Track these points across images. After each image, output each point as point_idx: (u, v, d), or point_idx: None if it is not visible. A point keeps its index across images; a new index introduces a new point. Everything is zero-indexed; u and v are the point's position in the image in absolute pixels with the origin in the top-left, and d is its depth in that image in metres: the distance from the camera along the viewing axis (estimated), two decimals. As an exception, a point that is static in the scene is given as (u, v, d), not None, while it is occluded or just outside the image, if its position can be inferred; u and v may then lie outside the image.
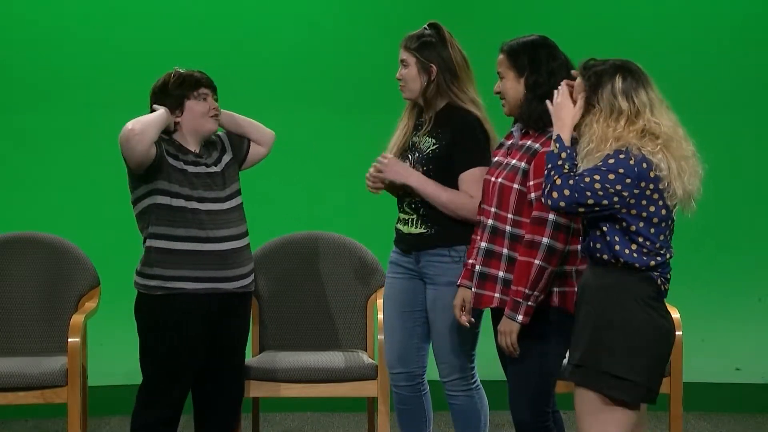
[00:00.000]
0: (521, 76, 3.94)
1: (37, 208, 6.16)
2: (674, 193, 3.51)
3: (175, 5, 6.36)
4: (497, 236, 3.94)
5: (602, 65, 3.60)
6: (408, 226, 4.38)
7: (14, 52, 6.26)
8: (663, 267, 3.56)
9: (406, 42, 4.37)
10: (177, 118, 4.51)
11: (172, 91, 4.49)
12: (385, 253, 5.08)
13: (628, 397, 3.52)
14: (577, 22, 6.32)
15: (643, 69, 3.60)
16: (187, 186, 4.44)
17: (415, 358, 4.43)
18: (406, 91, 4.38)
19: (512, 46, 3.98)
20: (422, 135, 4.35)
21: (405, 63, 4.36)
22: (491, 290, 3.94)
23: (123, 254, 5.71)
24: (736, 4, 6.47)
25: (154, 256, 4.43)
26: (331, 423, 6.02)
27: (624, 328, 3.52)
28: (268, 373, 4.72)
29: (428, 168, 4.30)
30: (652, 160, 3.49)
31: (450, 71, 4.31)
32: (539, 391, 3.93)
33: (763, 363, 6.35)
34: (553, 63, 3.94)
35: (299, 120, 6.31)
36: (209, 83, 4.55)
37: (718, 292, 6.39)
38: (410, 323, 4.42)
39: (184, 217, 4.42)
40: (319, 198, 6.06)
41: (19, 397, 4.67)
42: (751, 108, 6.46)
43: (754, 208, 6.45)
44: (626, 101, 3.54)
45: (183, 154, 4.49)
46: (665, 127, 3.53)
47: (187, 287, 4.40)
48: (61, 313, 5.00)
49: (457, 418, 4.43)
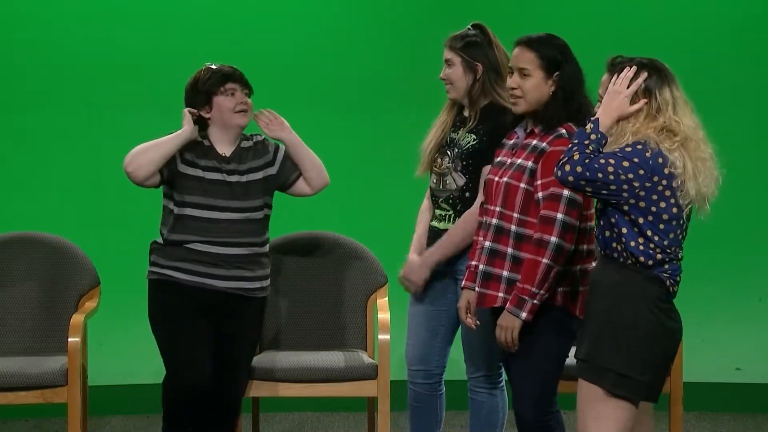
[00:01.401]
0: (550, 77, 3.92)
1: (38, 207, 6.16)
2: (687, 193, 3.52)
3: (176, 5, 6.35)
4: (502, 236, 3.93)
5: (628, 62, 3.62)
6: (445, 222, 4.40)
7: (14, 52, 6.26)
8: (672, 267, 3.58)
9: (451, 42, 4.38)
10: (207, 114, 4.53)
11: (201, 87, 4.51)
12: (386, 253, 5.09)
13: (629, 394, 3.54)
14: (576, 22, 6.32)
15: (669, 68, 3.63)
16: (200, 194, 4.46)
17: (436, 357, 4.47)
18: (452, 90, 4.39)
19: (543, 45, 3.93)
20: (464, 132, 4.37)
21: (450, 62, 4.37)
22: (495, 290, 3.94)
23: (123, 254, 5.72)
24: (736, 4, 6.47)
25: (154, 246, 4.54)
26: (331, 423, 6.02)
27: (631, 326, 3.54)
28: (268, 373, 4.72)
29: (467, 162, 4.33)
30: (669, 157, 3.51)
31: (495, 71, 4.33)
32: (542, 390, 3.93)
33: (764, 363, 6.35)
34: (575, 64, 3.94)
35: (299, 120, 6.29)
36: (238, 77, 4.55)
37: (718, 291, 6.39)
38: (435, 322, 4.45)
39: (187, 224, 4.48)
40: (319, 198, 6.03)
41: (19, 396, 4.66)
42: (751, 108, 6.46)
43: (754, 208, 6.45)
44: (648, 99, 3.56)
45: (206, 159, 4.51)
46: (685, 126, 3.55)
47: (175, 275, 4.48)
48: (61, 312, 5.00)
49: (475, 415, 4.44)
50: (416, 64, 4.37)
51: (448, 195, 4.39)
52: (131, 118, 6.20)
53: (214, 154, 4.53)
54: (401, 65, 6.34)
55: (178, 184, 4.50)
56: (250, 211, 4.54)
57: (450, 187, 4.38)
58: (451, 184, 4.38)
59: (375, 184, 6.35)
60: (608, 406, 3.56)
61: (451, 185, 4.38)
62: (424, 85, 4.45)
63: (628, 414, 3.57)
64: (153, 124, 6.32)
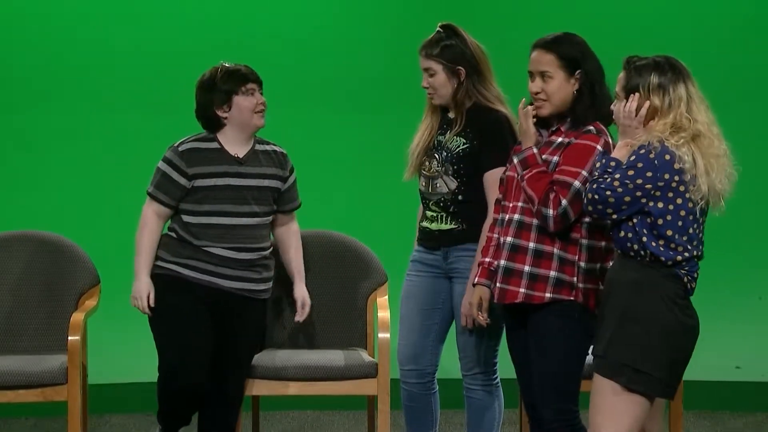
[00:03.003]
0: (572, 76, 3.91)
1: (38, 206, 6.16)
2: (699, 188, 3.54)
3: (175, 5, 6.36)
4: (524, 230, 3.92)
5: (644, 60, 3.64)
6: (437, 222, 4.39)
7: (14, 52, 6.26)
8: (690, 264, 3.60)
9: (426, 50, 4.33)
10: (225, 113, 4.51)
11: (220, 85, 4.50)
12: (386, 251, 5.09)
13: (645, 389, 3.56)
14: (576, 21, 6.32)
15: (684, 65, 3.65)
16: (212, 202, 4.49)
17: (428, 356, 4.47)
18: (437, 98, 4.36)
19: (561, 45, 3.92)
20: (451, 135, 4.35)
21: (431, 71, 4.33)
22: (516, 285, 3.92)
23: (123, 253, 5.71)
24: (736, 4, 6.48)
25: (164, 241, 4.56)
26: (331, 421, 6.02)
27: (648, 323, 3.56)
28: (268, 371, 4.72)
29: (458, 167, 4.32)
30: (676, 153, 3.51)
31: (476, 71, 4.31)
32: (564, 390, 3.91)
33: (764, 361, 6.35)
34: (596, 59, 3.94)
35: (299, 119, 6.32)
36: (256, 78, 4.56)
37: (718, 290, 6.38)
38: (428, 321, 4.45)
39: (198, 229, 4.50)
40: (320, 197, 6.06)
41: (19, 395, 4.66)
42: (751, 107, 6.47)
43: (754, 207, 6.45)
44: (660, 96, 3.57)
45: (216, 165, 4.49)
46: (697, 123, 3.57)
47: (181, 271, 4.49)
48: (62, 311, 5.00)
49: (471, 413, 4.44)
50: (416, 63, 4.37)
51: (439, 198, 4.38)
52: (131, 117, 6.22)
53: (225, 157, 4.52)
54: (401, 65, 6.31)
55: (189, 198, 4.50)
56: (259, 216, 4.55)
57: (440, 190, 4.37)
58: (441, 187, 4.37)
59: (375, 183, 6.36)
60: (623, 401, 3.57)
61: (441, 188, 4.37)
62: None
63: (642, 409, 3.59)
64: (152, 124, 6.37)
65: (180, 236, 4.52)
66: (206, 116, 4.53)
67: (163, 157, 4.53)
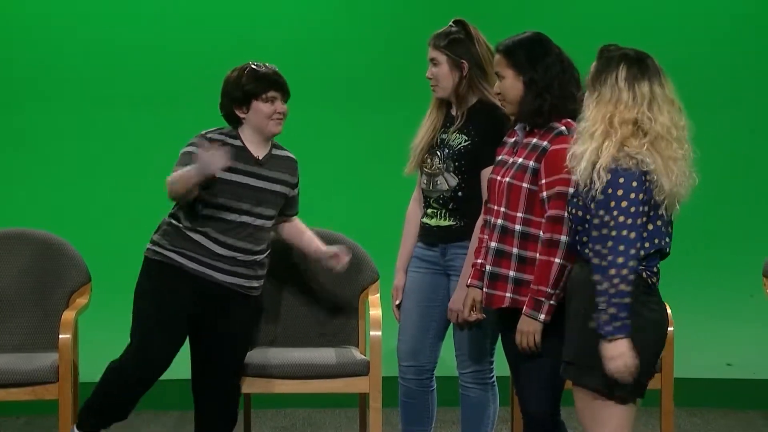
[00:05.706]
0: (520, 74, 3.95)
1: (29, 204, 6.16)
2: (661, 188, 3.51)
3: (176, 5, 6.36)
4: (507, 236, 3.93)
5: (615, 52, 3.60)
6: (436, 218, 4.40)
7: (14, 52, 6.25)
8: (648, 260, 3.55)
9: (435, 40, 4.37)
10: (243, 114, 4.51)
11: (244, 85, 4.49)
12: (379, 250, 5.09)
13: (618, 390, 3.51)
14: (576, 21, 6.34)
15: (657, 64, 3.59)
16: (229, 197, 4.47)
17: (427, 352, 4.48)
18: (439, 89, 4.38)
19: (508, 45, 3.99)
20: (453, 131, 4.36)
21: (435, 61, 4.36)
22: (502, 290, 3.94)
23: (114, 251, 5.73)
24: (736, 4, 6.49)
25: (164, 228, 4.53)
26: (323, 419, 6.02)
27: None
28: (260, 370, 4.72)
29: (460, 163, 4.33)
30: (639, 158, 3.48)
31: (479, 67, 4.33)
32: (555, 387, 3.92)
33: (755, 359, 6.36)
34: (548, 58, 3.94)
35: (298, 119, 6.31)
36: (280, 87, 4.53)
37: (709, 288, 6.41)
38: (428, 318, 4.46)
39: (207, 221, 4.48)
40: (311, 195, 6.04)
41: (10, 393, 4.66)
42: (747, 106, 6.48)
43: (745, 205, 6.47)
44: (626, 90, 3.53)
45: (242, 162, 4.49)
46: (657, 124, 3.51)
47: (179, 260, 4.48)
48: (52, 309, 4.99)
49: (466, 411, 4.44)
50: (415, 61, 4.37)
51: (439, 195, 4.39)
52: (125, 117, 6.21)
53: (248, 156, 4.53)
54: (401, 64, 6.34)
55: (211, 186, 4.46)
56: (265, 219, 4.55)
57: (441, 188, 4.38)
58: (442, 184, 4.38)
59: (366, 181, 6.36)
60: (607, 408, 3.55)
61: (442, 185, 4.38)
62: (422, 83, 4.44)
63: (629, 411, 3.56)
64: (151, 123, 6.37)
65: (183, 225, 4.50)
66: (227, 112, 4.55)
67: (188, 143, 4.51)
